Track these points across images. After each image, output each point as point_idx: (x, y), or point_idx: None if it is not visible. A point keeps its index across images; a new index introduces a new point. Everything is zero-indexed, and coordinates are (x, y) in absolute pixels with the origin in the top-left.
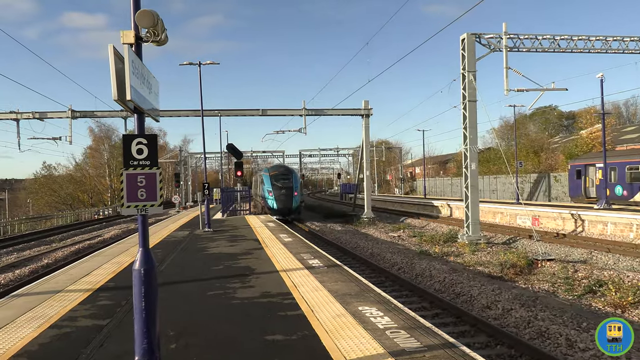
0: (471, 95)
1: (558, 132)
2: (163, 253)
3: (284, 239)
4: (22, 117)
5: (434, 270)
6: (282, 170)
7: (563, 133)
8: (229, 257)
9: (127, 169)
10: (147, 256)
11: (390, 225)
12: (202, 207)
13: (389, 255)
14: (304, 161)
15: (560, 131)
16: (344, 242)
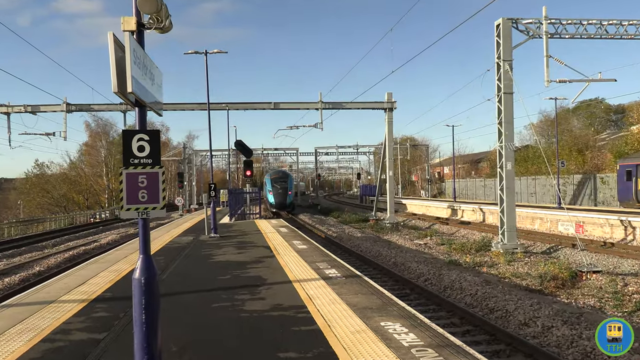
0: (507, 87)
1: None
2: (165, 261)
3: (297, 246)
4: (13, 110)
5: (465, 282)
6: (280, 175)
7: (611, 129)
8: (237, 265)
9: (127, 168)
10: (148, 264)
11: (415, 232)
12: (208, 210)
13: (415, 265)
14: (320, 160)
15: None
16: (364, 250)
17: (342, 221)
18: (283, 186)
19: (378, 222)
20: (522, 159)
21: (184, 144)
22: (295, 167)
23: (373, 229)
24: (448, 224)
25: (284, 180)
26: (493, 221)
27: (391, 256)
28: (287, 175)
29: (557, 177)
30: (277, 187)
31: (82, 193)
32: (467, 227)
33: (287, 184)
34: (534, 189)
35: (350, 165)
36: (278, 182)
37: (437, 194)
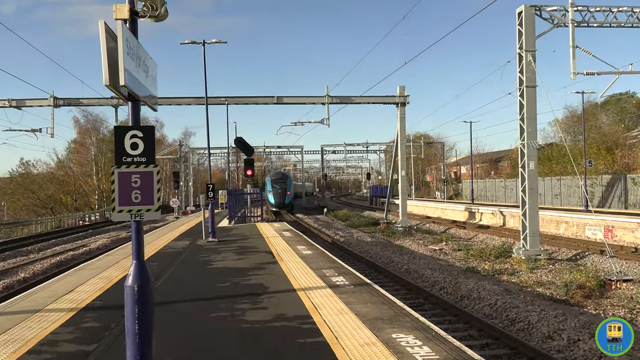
0: (529, 80)
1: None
2: (160, 267)
3: (302, 251)
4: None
5: (484, 292)
6: (279, 176)
7: None
8: (237, 272)
9: (119, 167)
10: (141, 270)
11: (430, 236)
12: (206, 212)
13: (429, 273)
14: (327, 158)
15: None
16: (374, 255)
17: (351, 225)
18: (282, 187)
19: (389, 225)
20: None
21: (179, 142)
22: (300, 166)
23: (384, 234)
24: (465, 228)
25: (283, 182)
26: (514, 225)
27: (403, 263)
28: (286, 176)
29: (584, 177)
30: (276, 188)
31: (70, 194)
32: (485, 232)
33: (286, 184)
34: (558, 191)
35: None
36: (278, 183)
37: (453, 195)
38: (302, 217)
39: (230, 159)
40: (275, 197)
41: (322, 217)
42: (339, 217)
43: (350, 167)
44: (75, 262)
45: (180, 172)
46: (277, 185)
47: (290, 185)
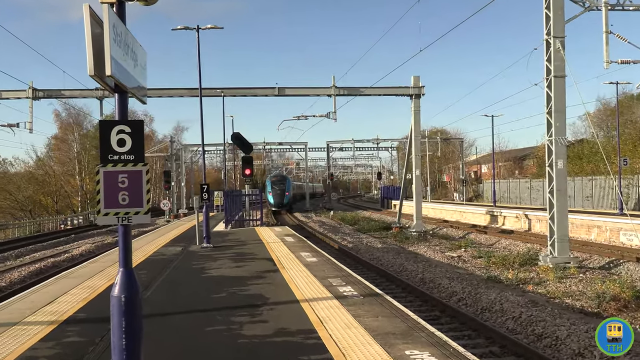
0: (558, 69)
1: None
2: (149, 275)
3: (306, 258)
4: None
5: (507, 303)
6: (279, 178)
7: None
8: (234, 281)
9: (105, 165)
10: (129, 279)
11: (447, 242)
12: (200, 215)
13: (446, 282)
14: (334, 156)
15: None
16: (385, 263)
17: (360, 229)
18: (281, 188)
19: (402, 230)
20: (576, 155)
21: (171, 137)
22: (304, 164)
23: (396, 239)
24: (486, 232)
25: (282, 183)
26: (540, 230)
27: (418, 271)
28: (285, 178)
29: (619, 177)
30: (275, 189)
31: (51, 195)
32: (509, 237)
33: (285, 186)
34: (590, 192)
35: (369, 162)
36: (277, 184)
37: (473, 197)
38: (306, 220)
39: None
40: (274, 198)
41: (328, 221)
42: (346, 220)
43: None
44: (56, 270)
45: (172, 172)
46: (276, 187)
47: (288, 187)
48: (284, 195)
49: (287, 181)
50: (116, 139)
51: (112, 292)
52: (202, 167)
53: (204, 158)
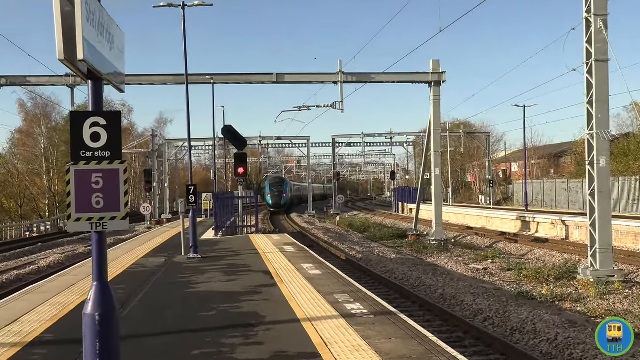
0: (600, 52)
1: None
2: (128, 290)
3: (308, 271)
4: None
5: (540, 323)
6: (277, 180)
7: None
8: (225, 297)
9: (77, 163)
10: (104, 294)
11: (471, 252)
12: (186, 221)
13: (470, 299)
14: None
15: None
16: (400, 277)
17: (370, 237)
18: (279, 190)
19: (420, 238)
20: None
21: (152, 131)
22: (305, 162)
23: (413, 249)
24: (517, 241)
25: (280, 185)
26: (580, 238)
27: (438, 286)
28: (283, 180)
29: None
30: (274, 191)
31: (14, 198)
32: (543, 246)
33: (283, 188)
34: (637, 194)
35: (381, 160)
36: (275, 186)
37: (501, 200)
38: (308, 227)
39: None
40: (272, 199)
41: (334, 228)
42: (355, 227)
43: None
44: (20, 284)
45: (154, 171)
46: (274, 189)
47: (286, 189)
48: (281, 197)
49: (285, 183)
50: (89, 132)
51: (84, 310)
52: (189, 166)
53: (191, 155)
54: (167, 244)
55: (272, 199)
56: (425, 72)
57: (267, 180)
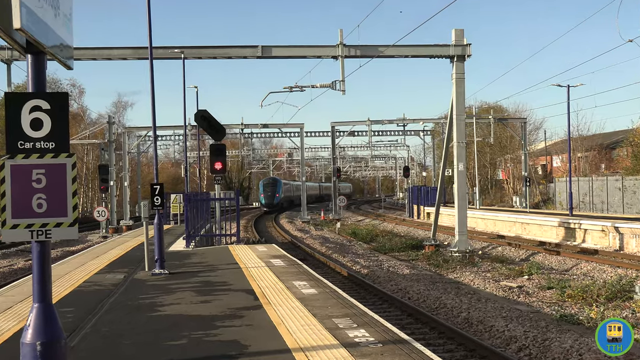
0: None
1: None
2: (78, 315)
3: (301, 289)
4: None
5: (588, 354)
6: (270, 181)
7: None
8: (198, 322)
9: (13, 157)
10: (48, 319)
11: (503, 267)
12: (150, 229)
13: (501, 324)
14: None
15: None
16: (414, 297)
17: (378, 248)
18: (272, 190)
19: (439, 250)
20: None
21: (109, 117)
22: (298, 155)
23: (430, 262)
24: (559, 253)
25: (274, 185)
26: (637, 249)
27: (461, 308)
28: (277, 181)
29: None
30: (267, 191)
31: None
32: (592, 259)
33: (276, 188)
34: None
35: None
36: (268, 187)
37: (540, 202)
38: (302, 235)
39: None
40: (265, 199)
41: (334, 236)
42: (359, 235)
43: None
44: None
45: (110, 166)
46: (267, 189)
47: (279, 189)
48: (274, 197)
49: (278, 184)
50: (29, 118)
51: (22, 338)
52: (154, 160)
53: (156, 147)
54: (127, 257)
55: (265, 199)
56: (447, 44)
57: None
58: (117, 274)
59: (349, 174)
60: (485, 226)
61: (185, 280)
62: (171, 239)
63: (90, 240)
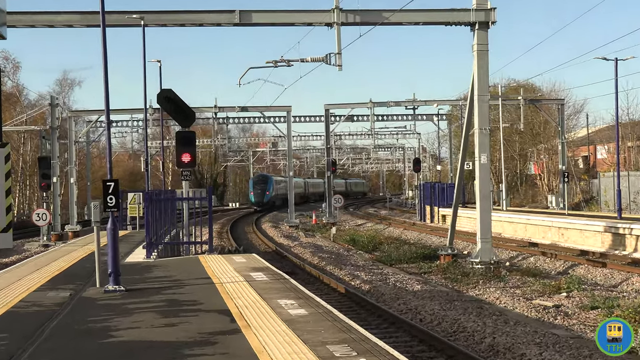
0: None
1: None
2: (12, 342)
3: (288, 309)
4: None
5: None
6: (260, 178)
7: None
8: (162, 351)
9: None
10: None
11: (535, 282)
12: (102, 235)
13: (534, 352)
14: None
15: None
16: (427, 319)
17: (383, 258)
18: (262, 187)
19: (457, 260)
20: None
21: (52, 99)
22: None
23: (447, 276)
24: (605, 265)
25: (264, 182)
26: None
27: (485, 332)
28: (267, 178)
29: None
30: (257, 189)
31: None
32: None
33: (267, 185)
34: None
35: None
36: (259, 184)
37: (581, 202)
38: (289, 243)
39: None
40: (255, 197)
41: (328, 244)
42: (359, 243)
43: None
44: None
45: (53, 159)
46: (257, 187)
47: (270, 186)
48: (264, 195)
49: (268, 181)
50: None
51: None
52: (107, 151)
53: (110, 134)
54: (73, 270)
55: (255, 197)
56: (466, 9)
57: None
58: (61, 291)
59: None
60: (514, 232)
61: (146, 299)
62: (128, 247)
63: (28, 249)
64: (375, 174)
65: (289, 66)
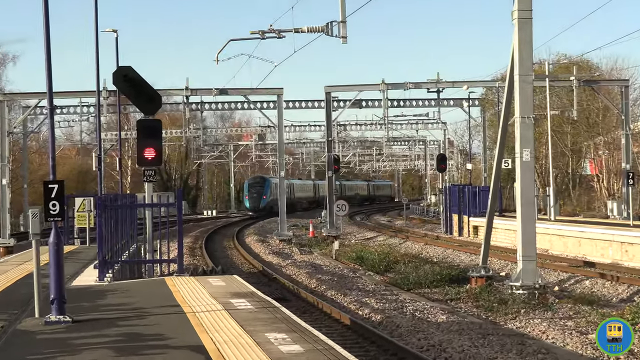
0: None
1: None
2: None
3: (279, 345)
4: None
5: None
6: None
7: None
8: None
9: None
10: None
11: (593, 311)
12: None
13: None
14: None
15: None
16: (454, 357)
17: (398, 281)
18: (258, 191)
19: (493, 284)
20: None
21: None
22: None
23: (479, 304)
24: None
25: (261, 186)
26: None
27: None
28: (265, 180)
29: None
30: (252, 192)
31: None
32: None
33: (263, 188)
34: None
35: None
36: (254, 187)
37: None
38: (279, 262)
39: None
40: (250, 201)
41: (329, 263)
42: (368, 261)
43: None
44: None
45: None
46: (253, 190)
47: (267, 189)
48: (260, 199)
49: (266, 184)
50: None
51: None
52: (50, 144)
53: (52, 123)
54: (6, 295)
55: (250, 201)
56: None
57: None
58: None
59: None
60: (565, 247)
61: (98, 332)
62: (77, 267)
63: None
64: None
65: (279, 38)
